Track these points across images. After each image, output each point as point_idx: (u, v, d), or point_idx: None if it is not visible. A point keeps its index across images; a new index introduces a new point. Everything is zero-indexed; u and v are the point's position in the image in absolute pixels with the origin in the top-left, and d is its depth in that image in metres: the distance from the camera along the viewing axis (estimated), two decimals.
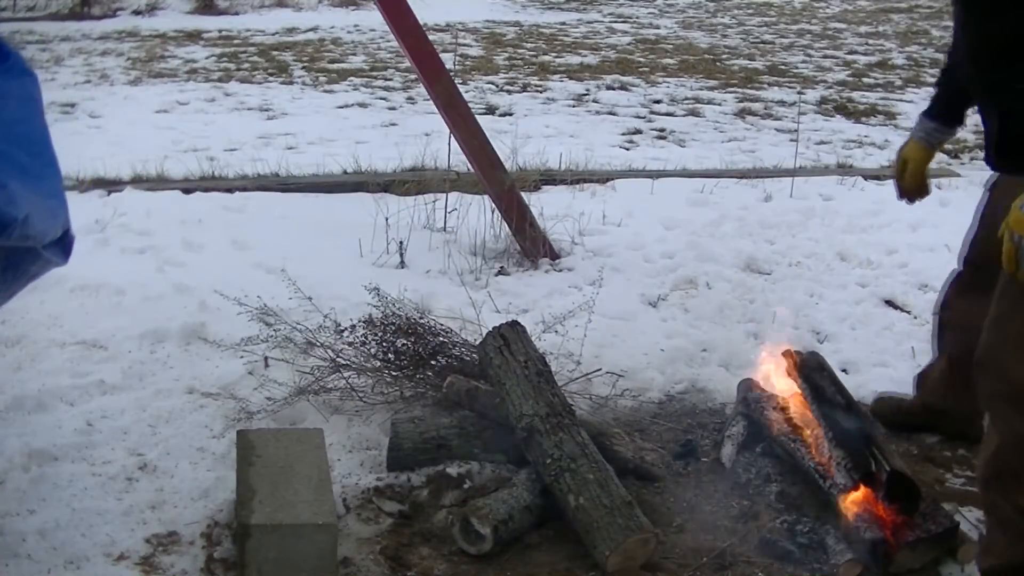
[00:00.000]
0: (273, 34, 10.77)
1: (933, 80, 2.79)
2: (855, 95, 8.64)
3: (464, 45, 10.25)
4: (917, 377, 3.20)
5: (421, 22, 4.32)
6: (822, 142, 6.99)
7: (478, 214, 4.59)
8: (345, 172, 5.62)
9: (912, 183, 2.92)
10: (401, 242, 4.35)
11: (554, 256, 4.44)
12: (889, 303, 4.17)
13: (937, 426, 3.13)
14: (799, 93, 8.30)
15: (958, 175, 5.96)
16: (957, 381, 3.05)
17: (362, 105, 7.69)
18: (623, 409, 3.21)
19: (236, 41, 10.30)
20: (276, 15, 12.11)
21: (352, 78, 8.62)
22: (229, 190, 5.23)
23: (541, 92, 8.37)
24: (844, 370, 3.58)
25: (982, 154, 2.76)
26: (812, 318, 3.96)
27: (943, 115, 2.86)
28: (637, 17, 13.11)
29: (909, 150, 2.90)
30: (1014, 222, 2.11)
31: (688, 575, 2.45)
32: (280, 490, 2.42)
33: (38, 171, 2.23)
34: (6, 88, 2.25)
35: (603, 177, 5.67)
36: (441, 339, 3.22)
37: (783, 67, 9.86)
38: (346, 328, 3.27)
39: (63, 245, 2.40)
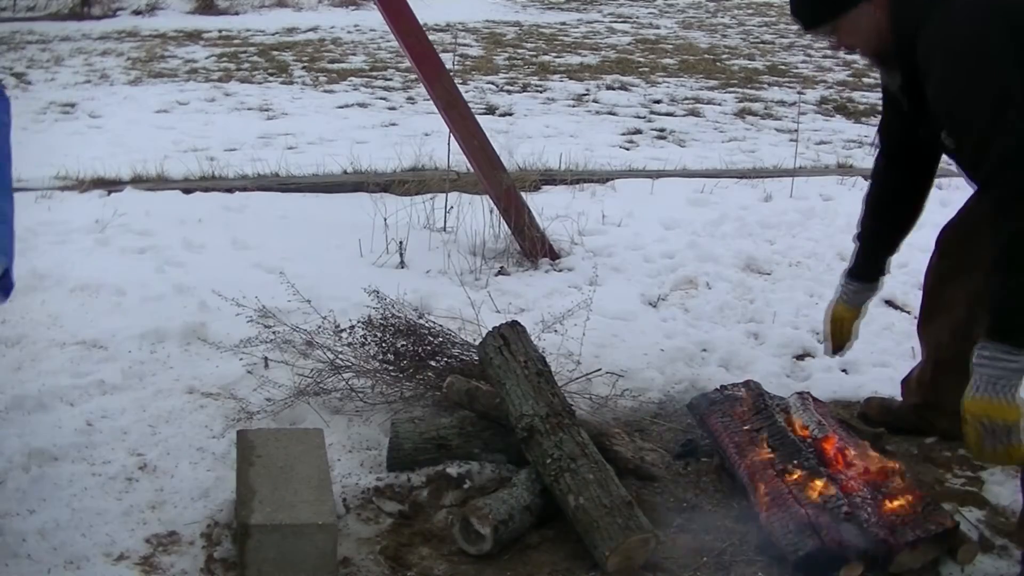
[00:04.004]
0: (273, 34, 10.78)
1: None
2: (855, 95, 8.64)
3: (464, 45, 10.25)
4: (902, 383, 3.20)
5: (421, 22, 4.32)
6: (822, 142, 6.99)
7: (478, 214, 4.59)
8: (345, 172, 5.63)
9: (844, 339, 3.02)
10: (401, 242, 4.35)
11: (554, 256, 4.44)
12: (889, 303, 4.17)
13: (927, 428, 3.13)
14: (799, 93, 8.30)
15: (959, 175, 5.95)
16: (942, 380, 3.04)
17: (362, 105, 7.69)
18: (623, 409, 3.21)
19: (236, 41, 10.30)
20: (276, 15, 12.11)
21: (352, 78, 8.62)
22: (229, 190, 5.24)
23: (541, 92, 8.37)
24: (844, 370, 3.59)
25: None
26: (812, 318, 3.95)
27: (864, 274, 2.96)
28: (637, 17, 13.12)
29: (839, 311, 3.00)
30: (977, 409, 2.21)
31: (688, 575, 2.46)
32: (280, 490, 2.42)
33: None
34: None
35: (603, 177, 5.67)
36: (440, 339, 3.22)
37: (783, 67, 9.87)
38: (345, 329, 3.28)
39: (3, 285, 2.28)
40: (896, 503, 2.52)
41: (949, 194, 5.39)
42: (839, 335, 3.03)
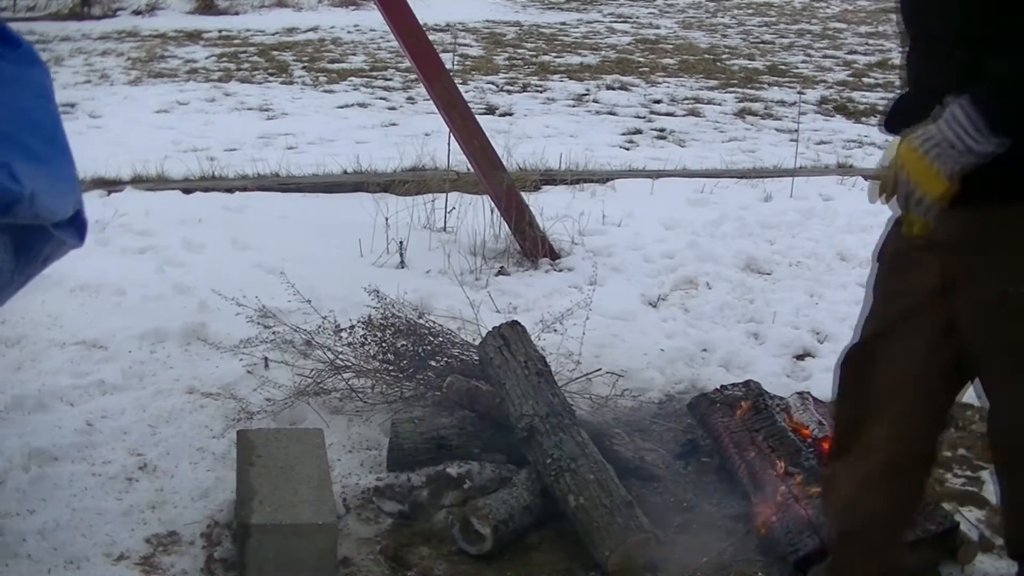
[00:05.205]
0: (273, 34, 10.77)
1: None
2: (855, 95, 8.64)
3: (464, 45, 10.24)
4: None
5: (421, 22, 4.32)
6: (822, 142, 6.99)
7: (478, 214, 4.59)
8: (345, 172, 5.63)
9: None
10: (401, 242, 4.35)
11: (554, 256, 4.44)
12: None
13: None
14: (799, 93, 8.30)
15: None
16: None
17: (362, 105, 7.69)
18: (623, 409, 3.21)
19: (236, 41, 10.29)
20: (276, 15, 12.09)
21: (352, 78, 8.62)
22: (229, 190, 5.23)
23: (541, 92, 8.37)
24: None
25: None
26: (812, 318, 3.96)
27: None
28: (637, 17, 13.11)
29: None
30: (906, 161, 1.79)
31: (688, 575, 2.45)
32: (280, 490, 2.42)
33: (48, 156, 2.24)
34: (17, 76, 2.26)
35: (603, 177, 5.67)
36: (440, 339, 3.22)
37: (783, 67, 9.86)
38: (345, 329, 3.28)
39: (76, 226, 2.38)
40: None
41: None
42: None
